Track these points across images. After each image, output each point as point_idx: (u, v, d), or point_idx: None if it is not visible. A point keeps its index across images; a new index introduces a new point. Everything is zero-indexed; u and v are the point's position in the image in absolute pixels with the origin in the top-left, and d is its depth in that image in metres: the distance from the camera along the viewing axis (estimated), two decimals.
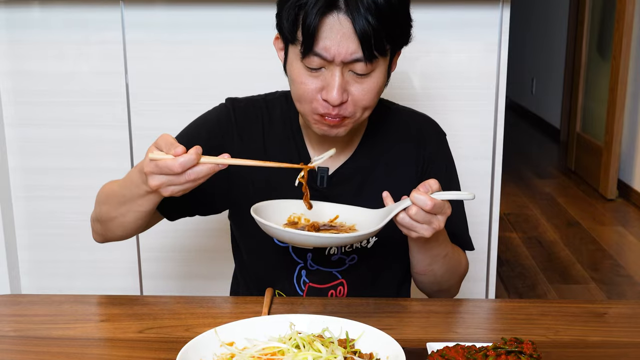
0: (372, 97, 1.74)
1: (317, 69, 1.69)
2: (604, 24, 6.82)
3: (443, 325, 1.69)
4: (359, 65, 1.67)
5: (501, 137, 2.89)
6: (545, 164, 7.83)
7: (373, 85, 1.72)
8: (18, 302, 1.85)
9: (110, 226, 1.86)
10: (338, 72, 1.67)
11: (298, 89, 1.74)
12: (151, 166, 1.56)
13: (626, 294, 4.47)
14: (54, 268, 3.14)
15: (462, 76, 2.84)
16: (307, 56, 1.67)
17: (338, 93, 1.67)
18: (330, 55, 1.65)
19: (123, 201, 1.76)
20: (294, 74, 1.74)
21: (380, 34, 1.64)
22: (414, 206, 1.63)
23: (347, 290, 1.96)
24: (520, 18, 8.92)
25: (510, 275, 4.75)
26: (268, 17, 2.80)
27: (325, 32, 1.63)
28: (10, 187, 3.05)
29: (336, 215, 1.84)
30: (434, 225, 1.66)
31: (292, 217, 1.83)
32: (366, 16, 1.61)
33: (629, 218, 5.95)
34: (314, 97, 1.72)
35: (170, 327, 1.66)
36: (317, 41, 1.64)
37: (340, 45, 1.64)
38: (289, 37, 1.70)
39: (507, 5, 2.77)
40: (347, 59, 1.65)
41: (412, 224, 1.66)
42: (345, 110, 1.72)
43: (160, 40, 2.88)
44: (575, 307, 1.81)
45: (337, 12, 1.62)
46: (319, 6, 1.62)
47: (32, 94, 2.95)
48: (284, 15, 1.69)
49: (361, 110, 1.75)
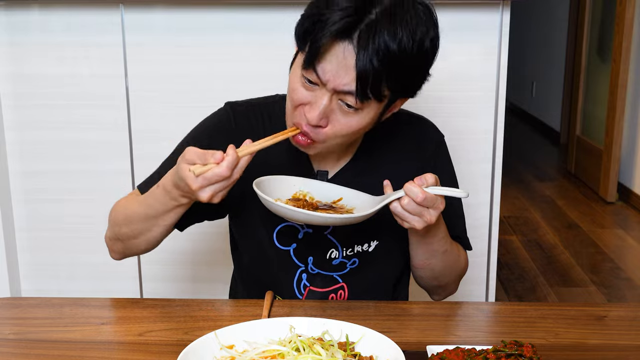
0: (350, 132, 1.75)
1: (313, 84, 1.69)
2: (604, 27, 6.82)
3: (443, 328, 1.69)
4: (349, 98, 1.66)
5: (501, 139, 2.89)
6: (545, 167, 7.83)
7: (357, 122, 1.72)
8: (18, 304, 1.85)
9: (134, 243, 1.91)
10: (327, 97, 1.67)
11: (289, 94, 1.75)
12: (199, 181, 1.59)
13: (626, 297, 4.48)
14: (54, 271, 3.14)
15: (462, 79, 2.84)
16: (307, 69, 1.67)
17: (318, 116, 1.68)
18: (325, 79, 1.65)
19: (147, 219, 1.81)
20: (292, 79, 1.74)
21: (380, 78, 1.63)
22: (406, 197, 1.67)
23: (348, 295, 1.96)
24: (520, 21, 8.92)
25: (510, 278, 4.75)
26: (268, 20, 2.82)
27: (329, 56, 1.63)
28: (10, 190, 3.05)
29: (340, 197, 1.85)
30: (425, 217, 1.69)
31: (298, 193, 1.84)
32: (372, 57, 1.60)
33: (629, 221, 5.95)
34: (298, 107, 1.73)
35: (171, 330, 1.66)
36: (319, 61, 1.64)
37: (337, 73, 1.63)
38: (300, 44, 1.71)
39: (507, 8, 2.77)
40: (339, 88, 1.65)
41: (403, 213, 1.69)
42: (317, 134, 1.73)
43: (160, 43, 2.88)
44: (575, 310, 1.81)
45: (348, 42, 1.61)
46: (334, 29, 1.61)
47: (32, 96, 2.95)
48: (304, 21, 1.69)
49: (333, 140, 1.76)
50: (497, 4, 2.75)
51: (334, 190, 1.87)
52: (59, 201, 3.05)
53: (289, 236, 1.93)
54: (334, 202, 1.84)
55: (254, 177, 1.79)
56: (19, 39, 2.90)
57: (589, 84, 7.16)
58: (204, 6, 2.83)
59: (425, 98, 2.82)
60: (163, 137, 2.90)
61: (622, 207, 6.29)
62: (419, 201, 1.65)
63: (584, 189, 6.83)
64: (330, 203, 1.84)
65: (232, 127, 1.94)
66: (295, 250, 1.93)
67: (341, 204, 1.85)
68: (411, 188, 1.65)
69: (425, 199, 1.64)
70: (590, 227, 5.77)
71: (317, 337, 1.49)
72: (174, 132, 2.94)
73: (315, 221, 1.71)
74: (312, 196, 1.85)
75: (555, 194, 6.74)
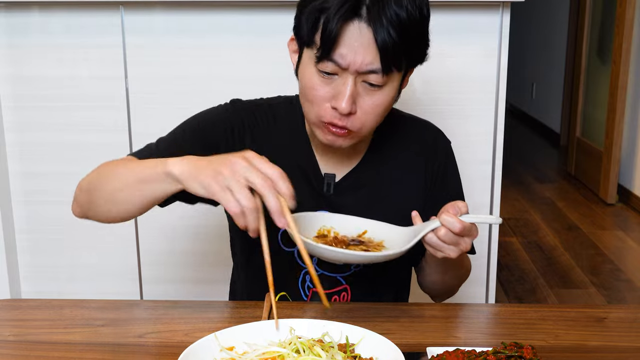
0: (380, 111, 1.74)
1: (330, 75, 1.68)
2: (604, 28, 6.82)
3: (443, 330, 1.69)
4: (373, 76, 1.66)
5: (501, 141, 2.89)
6: (545, 169, 7.84)
7: (384, 99, 1.72)
8: (18, 306, 1.85)
9: (103, 200, 1.78)
10: (351, 81, 1.67)
11: (308, 94, 1.74)
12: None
13: (626, 299, 4.48)
14: (54, 272, 3.14)
15: (462, 81, 2.84)
16: (322, 61, 1.66)
17: (348, 102, 1.67)
18: (346, 63, 1.64)
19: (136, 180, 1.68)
20: (306, 78, 1.73)
21: (400, 48, 1.64)
22: (443, 227, 1.66)
23: (351, 296, 1.96)
24: (520, 23, 8.92)
25: (510, 280, 4.75)
26: (269, 22, 2.82)
27: (344, 39, 1.63)
28: (10, 191, 3.05)
29: (364, 230, 1.84)
30: (461, 246, 1.69)
31: (322, 229, 1.82)
32: (388, 28, 1.60)
33: (629, 223, 5.95)
34: (322, 104, 1.71)
35: (170, 331, 1.66)
36: (335, 47, 1.64)
37: (357, 54, 1.63)
38: (307, 39, 1.70)
39: (507, 10, 2.77)
40: (362, 69, 1.65)
41: (439, 244, 1.68)
42: (352, 122, 1.72)
43: (160, 45, 2.88)
44: (575, 312, 1.81)
45: (358, 20, 1.62)
46: (341, 12, 1.61)
47: (32, 98, 2.95)
48: (304, 17, 1.69)
49: (368, 124, 1.75)
50: (497, 6, 2.75)
51: (356, 223, 1.85)
52: (59, 203, 3.05)
53: None
54: (360, 236, 1.84)
55: None
56: (19, 41, 2.90)
57: (589, 86, 7.17)
58: (203, 8, 2.83)
59: (426, 100, 2.83)
60: None
61: (622, 209, 6.29)
62: (457, 232, 1.65)
63: (584, 191, 6.84)
64: (357, 237, 1.83)
65: (238, 121, 1.93)
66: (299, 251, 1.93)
67: (368, 237, 1.84)
68: (448, 219, 1.64)
69: (463, 228, 1.64)
70: (590, 229, 5.77)
71: (317, 339, 1.49)
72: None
73: (357, 260, 1.71)
74: (337, 231, 1.84)
75: (555, 196, 6.74)
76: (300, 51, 1.77)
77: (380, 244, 1.80)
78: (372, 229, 1.84)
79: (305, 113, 1.81)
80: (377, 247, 1.78)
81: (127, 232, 3.06)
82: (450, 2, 2.70)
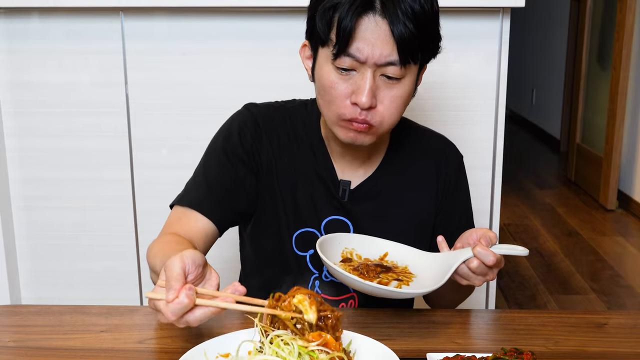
0: (400, 104, 1.75)
1: (348, 71, 1.69)
2: (604, 34, 6.83)
3: (443, 336, 1.68)
4: (391, 68, 1.67)
5: (501, 147, 2.89)
6: (545, 175, 7.84)
7: (402, 92, 1.73)
8: (18, 312, 1.85)
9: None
10: (369, 75, 1.67)
11: (327, 93, 1.74)
12: (151, 305, 1.45)
13: (626, 305, 4.47)
14: (54, 278, 3.14)
15: (462, 87, 2.84)
16: (340, 57, 1.67)
17: (368, 96, 1.67)
18: (364, 57, 1.65)
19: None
20: (324, 77, 1.73)
21: (416, 39, 1.65)
22: (476, 259, 1.69)
23: (358, 304, 1.96)
24: (520, 29, 8.93)
25: (510, 286, 4.75)
26: (270, 28, 2.82)
27: (360, 33, 1.64)
28: (10, 197, 3.05)
29: (385, 252, 1.86)
30: (488, 277, 1.73)
31: (345, 252, 1.84)
32: (404, 20, 1.62)
33: (629, 228, 5.95)
34: (342, 101, 1.72)
35: (170, 337, 1.66)
36: (352, 42, 1.64)
37: (374, 47, 1.64)
38: (323, 37, 1.70)
39: (507, 15, 2.77)
40: (381, 61, 1.66)
41: (469, 275, 1.72)
42: (373, 117, 1.72)
43: (160, 51, 2.88)
44: (575, 318, 1.80)
45: (372, 13, 1.63)
46: (355, 7, 1.62)
47: (32, 104, 2.95)
48: (318, 16, 1.69)
49: (388, 119, 1.75)
50: (497, 12, 2.76)
51: (376, 244, 1.88)
52: (59, 209, 3.05)
53: (307, 242, 1.93)
54: (383, 259, 1.85)
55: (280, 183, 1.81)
56: (19, 47, 2.90)
57: (589, 92, 7.17)
58: (204, 14, 2.83)
59: (426, 105, 2.83)
60: (163, 144, 2.90)
61: (622, 215, 6.29)
62: (490, 265, 1.68)
63: (584, 197, 6.84)
64: (381, 262, 1.84)
65: (259, 127, 1.93)
66: (312, 256, 1.93)
67: (392, 260, 1.86)
68: (482, 252, 1.67)
69: (496, 261, 1.68)
70: (590, 235, 5.77)
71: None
72: (174, 140, 2.95)
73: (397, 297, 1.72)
74: (359, 253, 1.85)
75: (555, 202, 6.74)
76: (315, 53, 1.78)
77: (406, 269, 1.83)
78: (392, 250, 1.87)
79: (324, 114, 1.81)
80: (407, 276, 1.80)
81: (127, 238, 3.06)
82: (451, 8, 2.71)
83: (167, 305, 1.36)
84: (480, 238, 1.73)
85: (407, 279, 1.77)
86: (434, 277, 1.74)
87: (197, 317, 1.38)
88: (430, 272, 1.77)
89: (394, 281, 1.74)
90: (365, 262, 1.81)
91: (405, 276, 1.79)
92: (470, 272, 1.70)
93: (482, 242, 1.70)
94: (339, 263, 1.78)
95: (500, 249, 1.71)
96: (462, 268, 1.71)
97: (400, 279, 1.76)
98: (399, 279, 1.76)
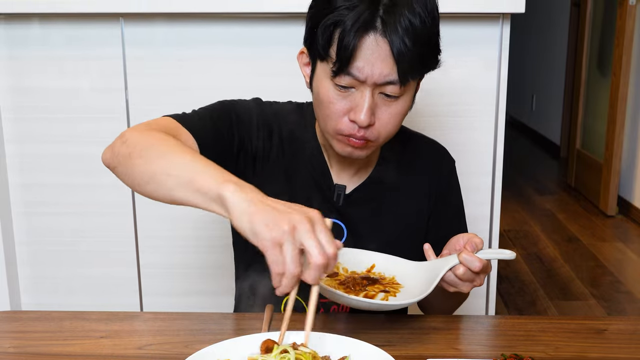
0: (397, 121, 1.75)
1: (347, 88, 1.69)
2: (604, 40, 6.83)
3: (443, 342, 1.68)
4: (390, 87, 1.67)
5: (501, 153, 2.89)
6: (545, 181, 7.84)
7: (400, 109, 1.74)
8: (18, 318, 1.85)
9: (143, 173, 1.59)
10: (368, 94, 1.67)
11: (326, 109, 1.74)
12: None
13: (626, 311, 4.47)
14: (54, 284, 3.14)
15: (462, 92, 2.84)
16: (339, 75, 1.67)
17: (367, 115, 1.67)
18: (363, 76, 1.65)
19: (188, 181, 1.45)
20: (322, 93, 1.73)
21: (415, 56, 1.64)
22: (462, 266, 1.68)
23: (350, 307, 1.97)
24: (520, 34, 8.94)
25: (510, 292, 4.75)
26: (269, 34, 2.82)
27: (361, 53, 1.63)
28: (10, 203, 3.05)
29: (372, 265, 1.85)
30: (475, 282, 1.73)
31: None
32: (403, 38, 1.61)
33: (629, 234, 5.95)
34: (340, 117, 1.72)
35: (170, 343, 1.66)
36: (352, 61, 1.64)
37: (374, 66, 1.64)
38: (322, 53, 1.69)
39: (507, 21, 2.77)
40: (380, 80, 1.65)
41: (456, 281, 1.72)
42: (371, 133, 1.73)
43: (161, 57, 2.88)
44: (575, 324, 1.80)
45: (374, 32, 1.62)
46: (357, 26, 1.61)
47: (32, 110, 2.95)
48: (319, 31, 1.68)
49: (385, 134, 1.76)
50: (497, 18, 2.76)
51: (362, 256, 1.87)
52: (59, 214, 3.05)
53: None
54: (369, 271, 1.85)
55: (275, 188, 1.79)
56: (19, 52, 2.91)
57: (589, 98, 7.17)
58: (204, 19, 2.83)
59: (426, 111, 2.83)
60: None
61: (622, 221, 6.29)
62: (476, 270, 1.68)
63: (584, 203, 6.84)
64: (367, 274, 1.84)
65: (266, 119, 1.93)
66: None
67: (379, 272, 1.85)
68: (468, 258, 1.67)
69: (482, 267, 1.67)
70: (590, 241, 5.77)
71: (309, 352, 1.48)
72: None
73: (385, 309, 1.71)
74: (346, 267, 1.85)
75: (555, 208, 6.74)
76: (314, 64, 1.77)
77: (393, 281, 1.82)
78: (379, 262, 1.86)
79: (321, 126, 1.81)
80: (394, 287, 1.80)
81: (127, 244, 3.06)
82: (450, 14, 2.71)
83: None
84: (465, 244, 1.73)
85: (394, 289, 1.77)
86: (420, 287, 1.74)
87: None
88: (417, 281, 1.77)
89: (381, 293, 1.75)
90: (351, 276, 1.81)
91: (393, 287, 1.79)
92: (457, 279, 1.70)
93: (468, 247, 1.71)
94: (325, 278, 1.77)
95: (486, 253, 1.71)
96: (448, 275, 1.71)
97: (387, 290, 1.76)
98: (386, 291, 1.76)
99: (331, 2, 1.66)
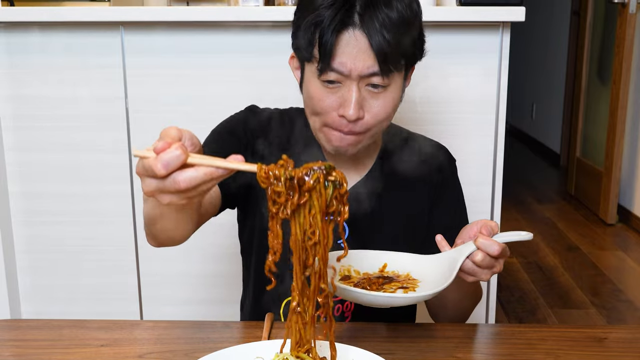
0: (387, 113, 1.77)
1: (334, 83, 1.72)
2: (604, 49, 6.83)
3: (443, 350, 1.68)
4: (375, 78, 1.70)
5: (501, 162, 2.89)
6: (545, 189, 7.83)
7: (389, 99, 1.76)
8: (18, 326, 1.84)
9: (154, 230, 1.65)
10: (355, 87, 1.70)
11: (315, 105, 1.77)
12: (139, 166, 1.26)
13: (626, 319, 4.46)
14: (54, 293, 3.14)
15: (462, 101, 2.85)
16: (324, 72, 1.70)
17: (355, 109, 1.70)
18: (347, 70, 1.68)
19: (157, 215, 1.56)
20: (311, 91, 1.76)
21: (396, 49, 1.67)
22: (480, 252, 1.63)
23: (354, 306, 1.96)
24: (520, 43, 8.94)
25: (510, 300, 4.74)
26: (268, 42, 2.82)
27: (342, 48, 1.67)
28: (10, 211, 3.05)
29: (384, 264, 1.82)
30: (495, 269, 1.68)
31: (342, 269, 1.78)
32: (381, 32, 1.64)
33: (629, 243, 5.94)
34: (330, 113, 1.75)
35: (170, 351, 1.65)
36: (334, 57, 1.68)
37: (356, 59, 1.67)
38: (306, 55, 1.74)
39: (507, 30, 2.78)
40: (364, 72, 1.68)
41: (475, 269, 1.66)
42: (360, 127, 1.75)
43: (160, 65, 2.89)
44: (575, 332, 1.80)
45: (352, 28, 1.66)
46: (334, 23, 1.65)
47: (32, 119, 2.96)
48: (301, 34, 1.74)
49: (375, 125, 1.78)
50: (496, 26, 2.76)
51: (373, 256, 1.83)
52: (59, 223, 3.05)
53: None
54: (382, 270, 1.81)
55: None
56: (19, 61, 2.91)
57: (589, 106, 7.17)
58: (204, 28, 2.83)
59: (425, 119, 2.83)
60: None
61: (622, 229, 6.28)
62: (495, 255, 1.62)
63: (584, 211, 6.83)
64: (380, 273, 1.80)
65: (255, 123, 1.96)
66: None
67: (393, 270, 1.81)
68: (485, 242, 1.62)
69: (501, 250, 1.63)
70: (591, 249, 5.76)
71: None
72: None
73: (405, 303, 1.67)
74: (357, 269, 1.80)
75: (555, 216, 6.73)
76: (302, 67, 1.81)
77: (409, 277, 1.78)
78: (391, 260, 1.82)
79: (312, 124, 1.85)
80: (411, 282, 1.76)
81: (127, 252, 3.06)
82: (450, 23, 2.71)
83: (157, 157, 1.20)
84: (480, 229, 1.69)
85: (412, 285, 1.74)
86: (439, 279, 1.69)
87: (188, 177, 1.19)
88: (435, 274, 1.73)
89: (400, 289, 1.72)
90: (365, 277, 1.79)
91: (410, 283, 1.76)
92: (476, 266, 1.65)
93: (484, 232, 1.66)
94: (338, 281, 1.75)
95: (503, 237, 1.65)
96: (466, 264, 1.65)
97: (405, 286, 1.74)
98: (405, 287, 1.73)
99: (312, 3, 1.71)
